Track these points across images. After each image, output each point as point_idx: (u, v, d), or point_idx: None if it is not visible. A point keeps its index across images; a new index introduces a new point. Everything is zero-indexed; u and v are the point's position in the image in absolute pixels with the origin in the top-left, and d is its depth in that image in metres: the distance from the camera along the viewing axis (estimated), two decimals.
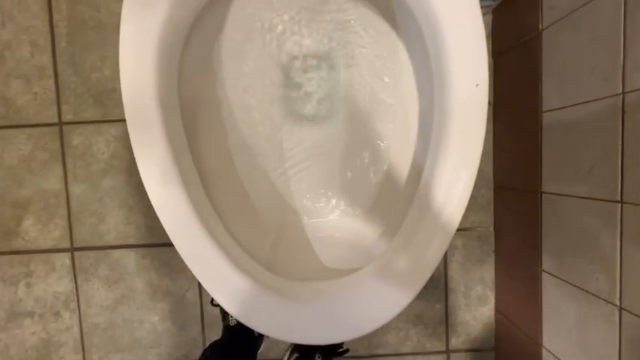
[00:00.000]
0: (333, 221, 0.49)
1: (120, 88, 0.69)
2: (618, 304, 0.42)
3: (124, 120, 0.70)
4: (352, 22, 0.39)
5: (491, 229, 0.72)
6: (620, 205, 0.41)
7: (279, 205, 0.48)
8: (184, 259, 0.30)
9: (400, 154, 0.45)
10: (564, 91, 0.51)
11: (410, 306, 0.73)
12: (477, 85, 0.28)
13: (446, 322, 0.74)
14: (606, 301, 0.44)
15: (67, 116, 0.70)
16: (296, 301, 0.29)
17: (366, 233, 0.46)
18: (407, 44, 0.37)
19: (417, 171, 0.41)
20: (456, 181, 0.31)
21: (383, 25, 0.37)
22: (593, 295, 0.46)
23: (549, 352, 0.56)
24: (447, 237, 0.32)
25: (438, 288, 0.74)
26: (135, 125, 0.32)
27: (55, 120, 0.70)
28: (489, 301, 0.73)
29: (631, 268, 0.40)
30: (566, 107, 0.50)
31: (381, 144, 0.45)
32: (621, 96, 0.40)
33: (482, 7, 0.65)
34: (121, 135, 0.71)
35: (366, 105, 0.43)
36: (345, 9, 0.39)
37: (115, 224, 0.72)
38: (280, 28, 0.41)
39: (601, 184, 0.44)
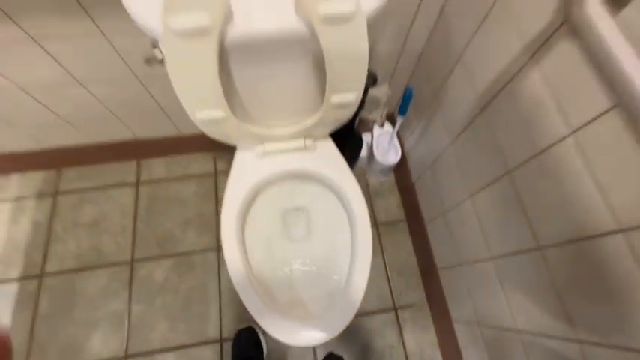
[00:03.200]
0: (315, 300, 0.83)
1: (175, 234, 1.09)
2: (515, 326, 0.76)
3: (175, 255, 1.07)
4: (316, 197, 0.85)
5: (425, 300, 1.05)
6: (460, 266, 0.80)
7: (287, 290, 0.82)
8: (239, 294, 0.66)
9: (344, 262, 0.84)
10: (435, 206, 0.96)
11: None
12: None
13: None
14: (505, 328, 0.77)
15: (137, 256, 1.06)
16: (290, 320, 0.65)
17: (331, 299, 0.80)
18: (343, 206, 0.82)
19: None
20: (358, 278, 0.70)
21: (333, 198, 0.83)
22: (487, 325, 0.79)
23: None
24: (353, 310, 0.69)
25: (395, 357, 1.00)
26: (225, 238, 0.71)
27: (129, 259, 1.06)
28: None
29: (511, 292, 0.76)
30: (440, 214, 0.95)
31: (336, 256, 0.85)
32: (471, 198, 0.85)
33: (387, 168, 1.16)
34: (173, 266, 1.06)
35: (327, 233, 0.85)
36: (310, 190, 0.86)
37: (162, 331, 0.98)
38: (281, 198, 0.86)
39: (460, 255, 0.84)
